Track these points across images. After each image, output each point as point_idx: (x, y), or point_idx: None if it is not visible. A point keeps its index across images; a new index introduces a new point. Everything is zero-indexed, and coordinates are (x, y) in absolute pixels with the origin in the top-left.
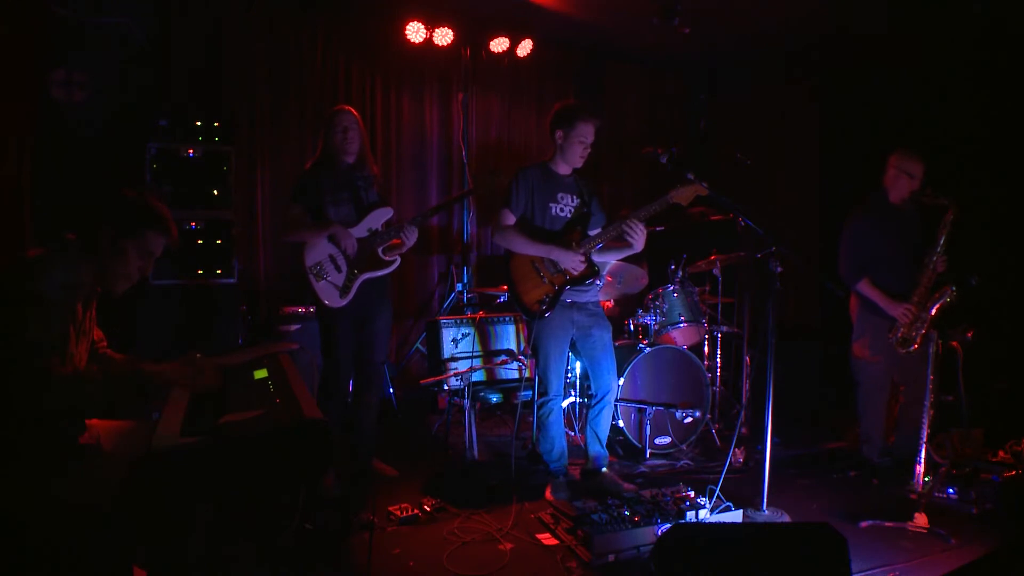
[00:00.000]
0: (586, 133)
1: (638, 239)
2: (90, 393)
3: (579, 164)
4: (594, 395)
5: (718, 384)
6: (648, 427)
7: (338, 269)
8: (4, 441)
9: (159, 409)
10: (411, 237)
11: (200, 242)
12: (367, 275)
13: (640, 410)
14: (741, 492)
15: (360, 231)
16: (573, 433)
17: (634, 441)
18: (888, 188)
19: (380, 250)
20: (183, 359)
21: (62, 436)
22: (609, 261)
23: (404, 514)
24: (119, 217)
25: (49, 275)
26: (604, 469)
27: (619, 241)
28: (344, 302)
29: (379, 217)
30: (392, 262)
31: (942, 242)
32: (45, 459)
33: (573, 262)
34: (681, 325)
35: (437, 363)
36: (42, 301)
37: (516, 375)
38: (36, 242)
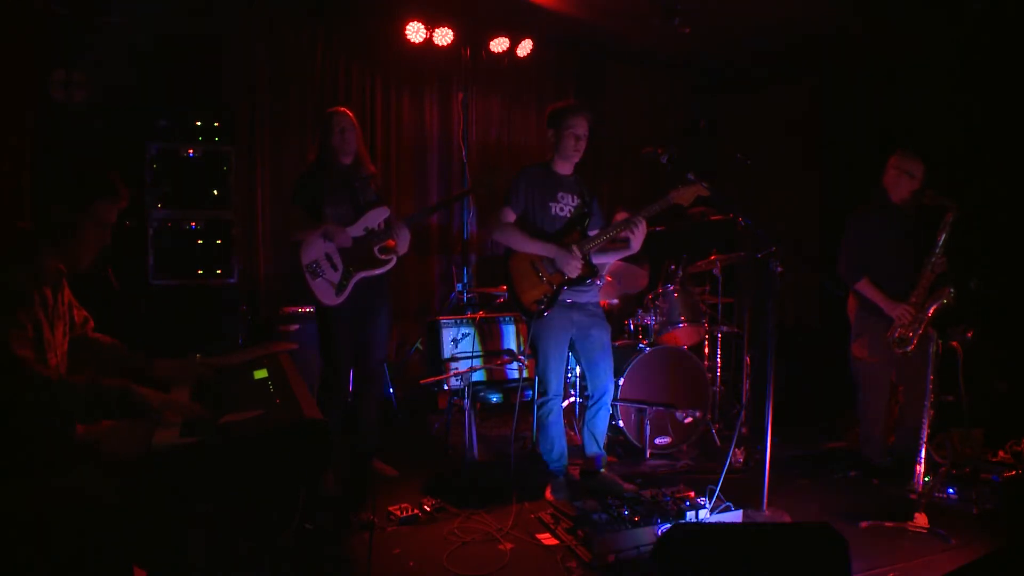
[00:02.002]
0: (576, 124)
1: (637, 240)
2: (68, 399)
3: (575, 158)
4: (590, 396)
5: (718, 384)
6: (648, 427)
7: (334, 267)
8: (3, 441)
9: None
10: (403, 242)
11: (200, 242)
12: (363, 273)
13: (640, 410)
14: (741, 492)
15: (357, 230)
16: (573, 433)
17: (634, 441)
18: (889, 188)
19: (376, 249)
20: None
21: (60, 435)
22: (608, 261)
23: (404, 514)
24: (66, 194)
25: (9, 268)
26: (603, 469)
27: (618, 241)
28: (340, 300)
29: (376, 216)
30: (388, 261)
31: (941, 243)
32: (44, 459)
33: (571, 264)
34: (681, 325)
35: (437, 363)
36: (7, 294)
37: (516, 375)
38: None
